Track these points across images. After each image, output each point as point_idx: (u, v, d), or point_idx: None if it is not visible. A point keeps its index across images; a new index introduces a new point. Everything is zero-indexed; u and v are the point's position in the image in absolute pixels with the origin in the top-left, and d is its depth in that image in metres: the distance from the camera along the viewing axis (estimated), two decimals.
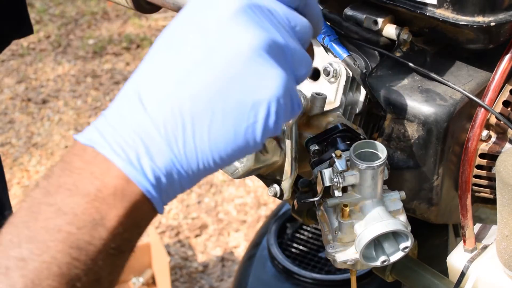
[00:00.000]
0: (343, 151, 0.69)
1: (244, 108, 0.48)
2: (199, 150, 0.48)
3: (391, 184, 0.72)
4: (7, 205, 1.04)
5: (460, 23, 0.69)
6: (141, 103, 0.47)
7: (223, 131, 0.48)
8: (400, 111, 0.73)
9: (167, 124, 0.47)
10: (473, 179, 0.78)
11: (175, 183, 0.48)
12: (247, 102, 0.48)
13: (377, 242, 0.70)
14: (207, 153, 0.48)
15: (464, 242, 0.79)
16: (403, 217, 0.70)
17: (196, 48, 0.48)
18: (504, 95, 0.75)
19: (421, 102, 0.73)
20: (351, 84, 0.77)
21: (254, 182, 2.59)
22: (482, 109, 0.73)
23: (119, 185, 0.46)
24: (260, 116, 0.49)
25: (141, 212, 0.47)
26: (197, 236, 2.41)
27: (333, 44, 0.76)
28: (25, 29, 1.02)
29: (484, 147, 0.77)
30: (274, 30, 0.50)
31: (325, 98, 0.75)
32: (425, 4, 0.71)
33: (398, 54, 0.76)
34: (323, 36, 0.76)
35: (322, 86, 0.78)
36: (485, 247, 0.79)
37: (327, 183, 0.68)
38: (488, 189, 0.80)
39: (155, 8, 0.96)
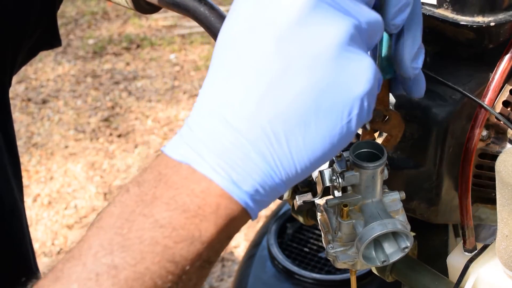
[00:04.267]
0: (343, 151, 0.69)
1: (337, 111, 0.46)
2: (295, 159, 0.46)
3: (391, 184, 0.72)
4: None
5: (460, 23, 0.69)
6: (226, 121, 0.46)
7: (318, 136, 0.46)
8: (399, 111, 0.73)
9: (259, 140, 0.45)
10: (473, 179, 0.78)
11: (273, 191, 0.47)
12: (340, 103, 0.46)
13: (377, 242, 0.70)
14: (304, 159, 0.47)
15: (464, 242, 0.79)
16: (403, 217, 0.70)
17: (271, 56, 0.45)
18: (504, 95, 0.75)
19: (420, 102, 0.73)
20: None
21: None
22: (482, 109, 0.73)
23: (221, 203, 0.46)
24: (354, 113, 0.47)
25: (236, 223, 0.47)
26: None
27: None
28: (55, 41, 1.02)
29: (484, 147, 0.77)
30: (349, 12, 0.46)
31: None
32: (425, 4, 0.71)
33: None
34: None
35: None
36: (485, 247, 0.79)
37: (327, 183, 0.68)
38: (488, 189, 0.80)
39: (155, 8, 0.96)
